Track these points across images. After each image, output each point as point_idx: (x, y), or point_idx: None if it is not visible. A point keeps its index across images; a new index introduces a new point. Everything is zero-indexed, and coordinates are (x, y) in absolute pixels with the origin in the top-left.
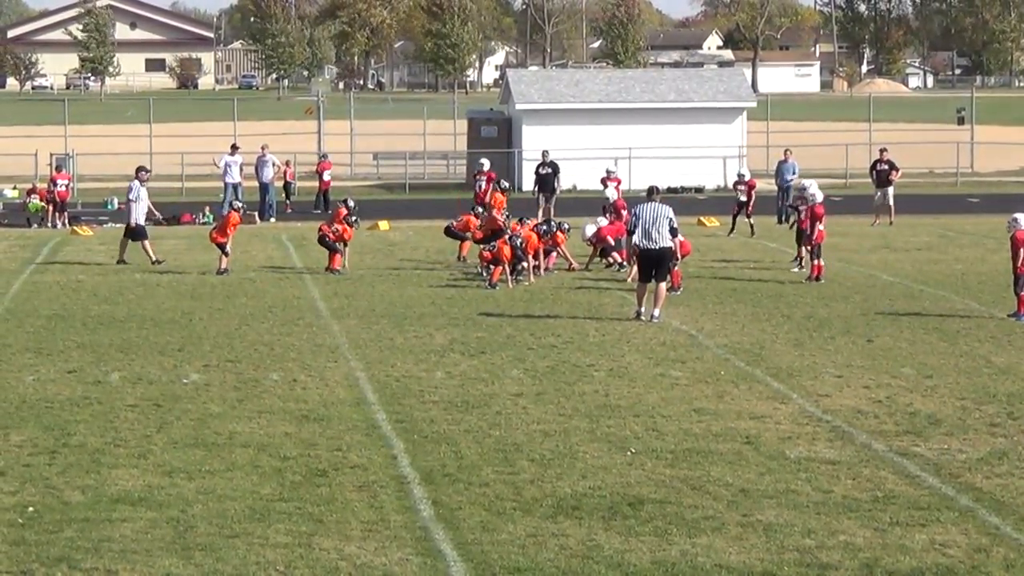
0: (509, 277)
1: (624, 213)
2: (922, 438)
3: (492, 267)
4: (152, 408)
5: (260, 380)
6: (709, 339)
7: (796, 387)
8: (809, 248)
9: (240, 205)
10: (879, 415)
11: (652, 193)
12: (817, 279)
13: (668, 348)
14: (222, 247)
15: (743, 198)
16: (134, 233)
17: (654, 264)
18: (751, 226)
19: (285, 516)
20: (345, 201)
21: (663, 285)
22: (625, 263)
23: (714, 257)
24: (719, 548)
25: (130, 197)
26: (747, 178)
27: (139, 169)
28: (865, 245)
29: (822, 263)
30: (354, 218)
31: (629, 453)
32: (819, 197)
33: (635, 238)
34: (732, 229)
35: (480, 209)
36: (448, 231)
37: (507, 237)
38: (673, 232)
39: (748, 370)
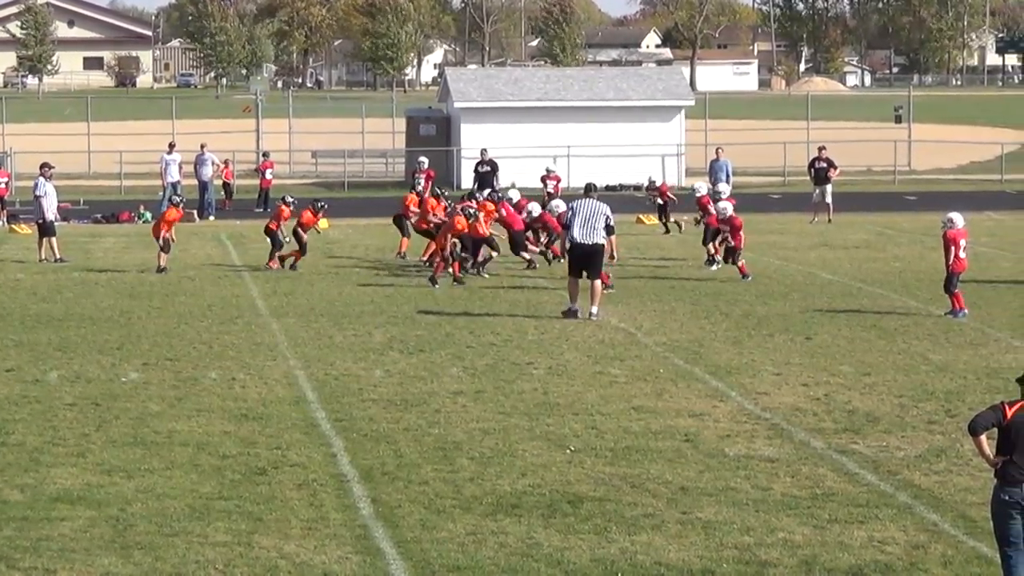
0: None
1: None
2: (860, 435)
3: (452, 260)
4: (91, 407)
5: (199, 379)
6: (648, 337)
7: (735, 385)
8: (724, 251)
9: (179, 200)
10: (817, 413)
11: (590, 190)
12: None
13: (607, 346)
14: (166, 243)
15: (660, 202)
16: (44, 229)
17: (586, 260)
18: (678, 225)
19: (224, 515)
20: (283, 199)
21: (597, 283)
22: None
23: (653, 255)
24: (659, 546)
25: (37, 193)
26: (658, 183)
27: (43, 165)
28: (803, 243)
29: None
30: (321, 204)
31: (568, 451)
32: (729, 210)
33: (571, 233)
34: (667, 230)
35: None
36: (397, 219)
37: (463, 213)
38: (609, 230)
39: (687, 368)
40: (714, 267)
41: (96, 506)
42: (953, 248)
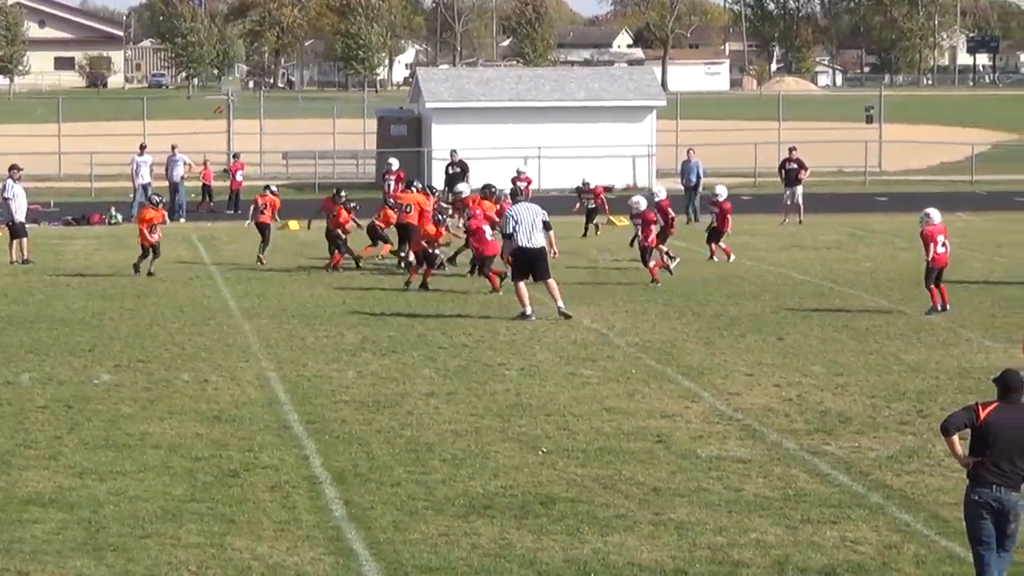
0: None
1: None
2: (832, 436)
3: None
4: (63, 409)
5: (171, 380)
6: (620, 337)
7: (707, 385)
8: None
9: (158, 200)
10: (790, 413)
11: (516, 194)
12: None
13: (579, 347)
14: (154, 248)
15: (592, 205)
16: (13, 231)
17: (533, 264)
18: (596, 227)
19: (197, 516)
20: (267, 187)
21: (551, 281)
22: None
23: (625, 256)
24: (631, 546)
25: (5, 195)
26: (592, 186)
27: (11, 167)
28: (775, 244)
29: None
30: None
31: (541, 452)
32: (642, 205)
33: (516, 240)
34: (585, 233)
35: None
36: (371, 230)
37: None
38: (546, 226)
39: (659, 368)
40: (673, 264)
41: (68, 508)
42: (932, 244)
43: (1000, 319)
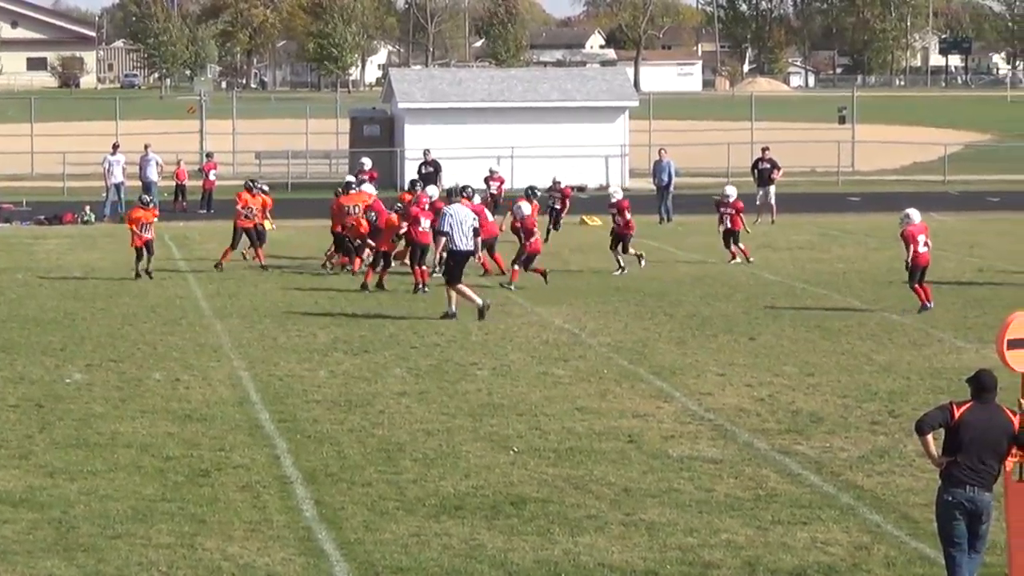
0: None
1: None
2: (804, 436)
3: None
4: (34, 408)
5: (143, 380)
6: (592, 337)
7: (679, 385)
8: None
9: (148, 200)
10: (761, 413)
11: (453, 194)
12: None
13: (551, 347)
14: (147, 246)
15: (557, 206)
16: None
17: (464, 264)
18: (556, 225)
19: (168, 516)
20: (253, 183)
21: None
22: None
23: (597, 256)
24: (602, 547)
25: None
26: (562, 185)
27: None
28: (747, 244)
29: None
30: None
31: (512, 452)
32: (618, 195)
33: (453, 239)
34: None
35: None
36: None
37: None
38: (475, 233)
39: (631, 369)
40: (617, 272)
41: (39, 508)
42: (913, 244)
43: (972, 319)
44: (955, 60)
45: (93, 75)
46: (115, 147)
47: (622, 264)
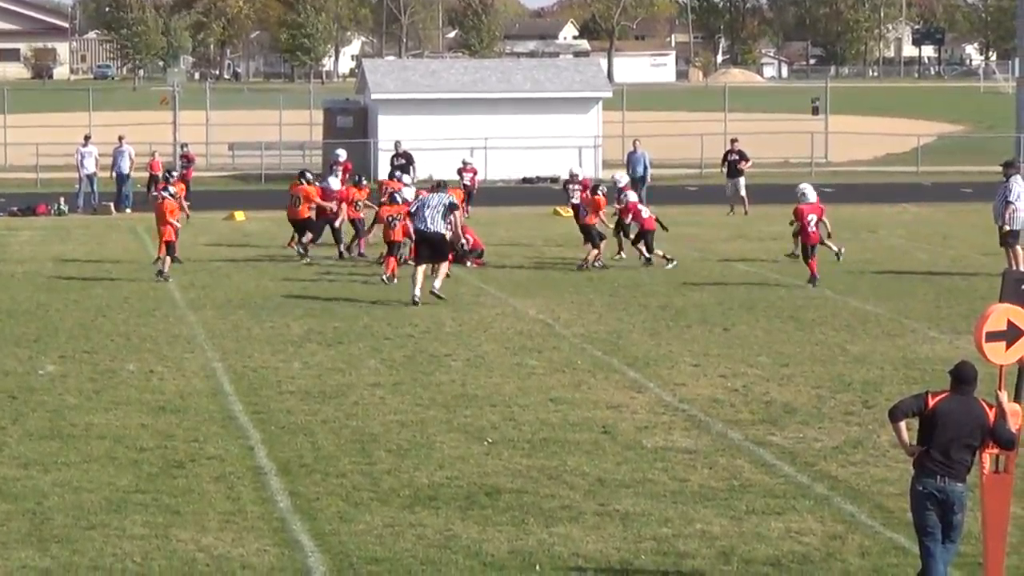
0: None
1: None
2: (778, 427)
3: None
4: (7, 400)
5: (117, 371)
6: (566, 328)
7: (653, 376)
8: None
9: (168, 194)
10: (735, 404)
11: (438, 187)
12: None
13: (525, 337)
14: (169, 247)
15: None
16: None
17: (431, 246)
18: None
19: (142, 507)
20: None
21: (444, 264)
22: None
23: (571, 246)
24: (576, 537)
25: None
26: (580, 177)
27: None
28: (720, 235)
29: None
30: (358, 177)
31: (486, 443)
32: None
33: (417, 221)
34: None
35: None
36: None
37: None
38: (444, 217)
39: (605, 359)
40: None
41: (13, 500)
42: (802, 222)
43: (945, 310)
44: (928, 51)
45: (66, 66)
46: (87, 138)
47: (647, 256)
